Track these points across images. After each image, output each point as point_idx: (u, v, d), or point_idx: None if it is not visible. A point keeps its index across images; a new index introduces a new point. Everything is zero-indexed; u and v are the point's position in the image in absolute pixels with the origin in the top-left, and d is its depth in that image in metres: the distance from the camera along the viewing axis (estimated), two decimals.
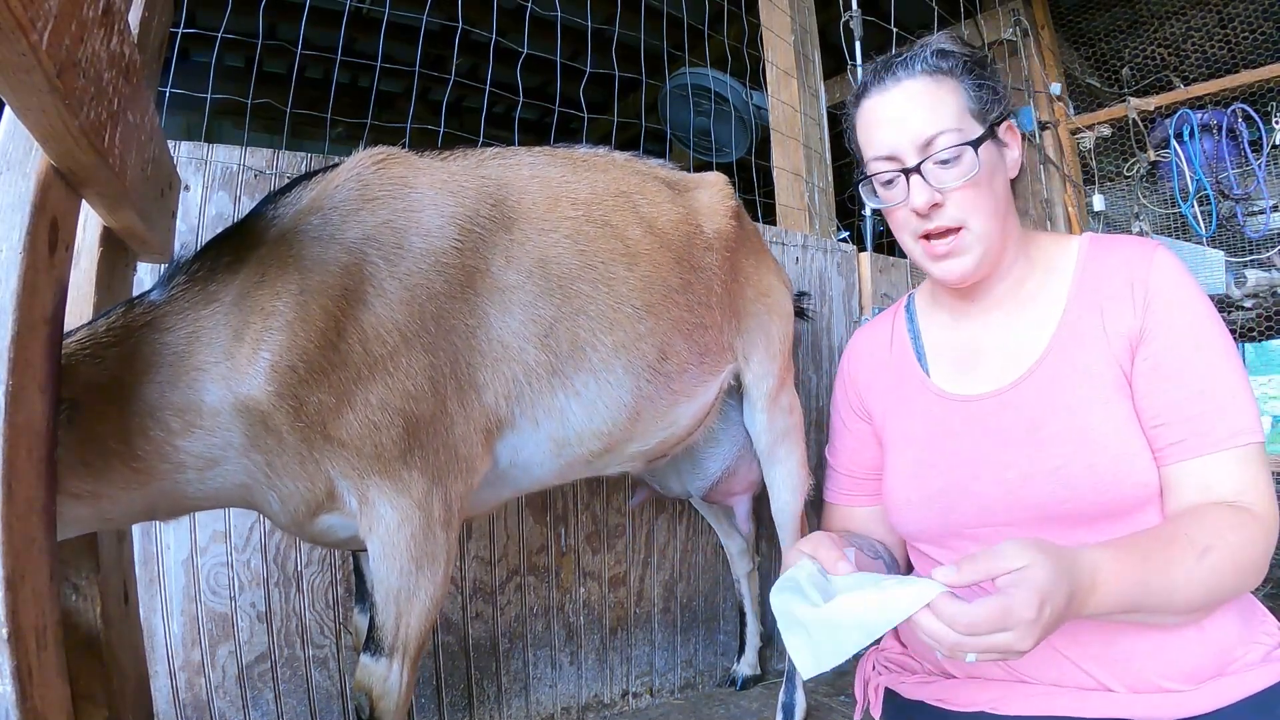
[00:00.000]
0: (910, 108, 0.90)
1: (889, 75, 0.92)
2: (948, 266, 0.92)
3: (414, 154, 0.97)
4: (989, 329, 0.98)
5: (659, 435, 1.12)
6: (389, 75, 3.48)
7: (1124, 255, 0.91)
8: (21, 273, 0.53)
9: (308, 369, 0.80)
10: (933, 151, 0.88)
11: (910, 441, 1.00)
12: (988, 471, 0.91)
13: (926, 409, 0.99)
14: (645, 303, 1.05)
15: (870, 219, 2.12)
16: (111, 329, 0.76)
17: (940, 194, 0.88)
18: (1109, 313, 0.89)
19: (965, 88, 0.90)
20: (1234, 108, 2.42)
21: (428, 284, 0.88)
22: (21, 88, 0.47)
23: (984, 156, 0.89)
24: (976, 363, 0.98)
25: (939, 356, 1.02)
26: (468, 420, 0.90)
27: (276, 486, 0.84)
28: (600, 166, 1.13)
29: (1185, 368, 0.85)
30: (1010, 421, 0.91)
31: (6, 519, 0.50)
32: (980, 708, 0.90)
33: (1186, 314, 0.86)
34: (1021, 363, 0.93)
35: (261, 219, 0.86)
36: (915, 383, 1.02)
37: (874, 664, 1.11)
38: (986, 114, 0.90)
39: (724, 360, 1.20)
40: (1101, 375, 0.88)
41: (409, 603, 0.85)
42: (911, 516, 0.98)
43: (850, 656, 0.69)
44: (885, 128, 0.91)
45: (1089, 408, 0.87)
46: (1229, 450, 0.82)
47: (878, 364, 1.08)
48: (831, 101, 2.39)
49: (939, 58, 0.90)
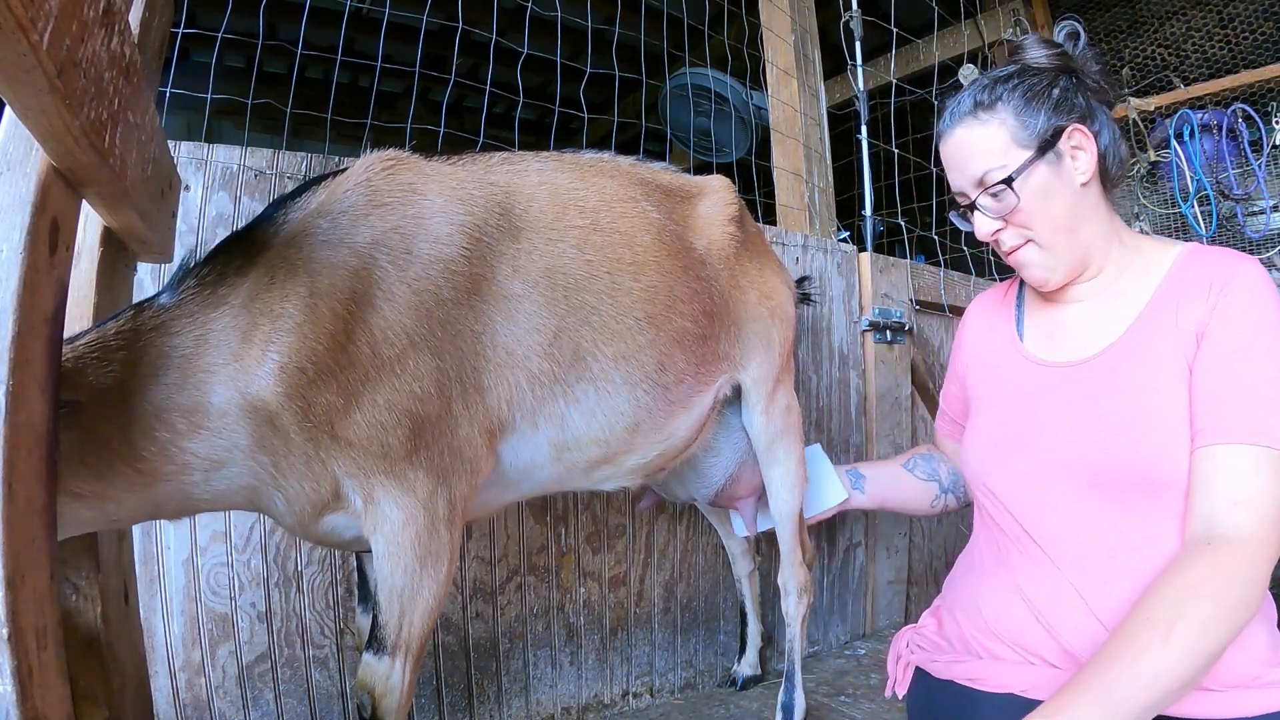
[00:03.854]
0: (961, 154, 1.02)
1: (946, 118, 1.04)
2: (1030, 275, 1.04)
3: (422, 158, 0.97)
4: (1082, 312, 1.06)
5: (657, 448, 1.12)
6: (389, 75, 3.49)
7: (1215, 261, 0.95)
8: (22, 273, 0.53)
9: (316, 370, 0.80)
10: (984, 187, 1.00)
11: (992, 397, 1.12)
12: (1046, 434, 1.00)
13: (1013, 369, 1.10)
14: (648, 314, 1.05)
15: (870, 219, 2.12)
16: (120, 333, 0.76)
17: (1002, 220, 1.01)
18: (1184, 306, 0.93)
19: (1011, 112, 0.98)
20: (1234, 108, 2.42)
21: (435, 289, 0.88)
22: (22, 88, 0.47)
23: (1032, 182, 0.97)
24: (1063, 336, 1.07)
25: (1035, 327, 1.13)
26: (472, 422, 0.91)
27: (282, 487, 0.84)
28: (608, 172, 1.13)
29: (1231, 363, 0.87)
30: (1075, 393, 0.99)
31: (7, 519, 0.50)
32: (1012, 690, 0.92)
33: (1251, 318, 0.88)
34: (1098, 344, 1.00)
35: (271, 223, 0.87)
36: (1010, 344, 1.13)
37: (907, 641, 1.15)
38: (1041, 132, 0.97)
39: (719, 370, 1.20)
40: (1164, 365, 0.92)
41: (412, 601, 0.85)
42: (975, 458, 1.10)
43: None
44: (950, 171, 1.05)
45: (1145, 393, 0.92)
46: (1246, 446, 0.82)
47: (984, 327, 1.22)
48: (831, 102, 2.39)
49: (985, 92, 1.00)
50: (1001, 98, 0.98)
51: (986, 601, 1.02)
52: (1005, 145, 0.97)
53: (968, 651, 1.03)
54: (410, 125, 1.58)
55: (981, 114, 0.99)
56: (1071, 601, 0.92)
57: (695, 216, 1.20)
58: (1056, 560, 0.95)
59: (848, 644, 1.92)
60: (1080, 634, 0.90)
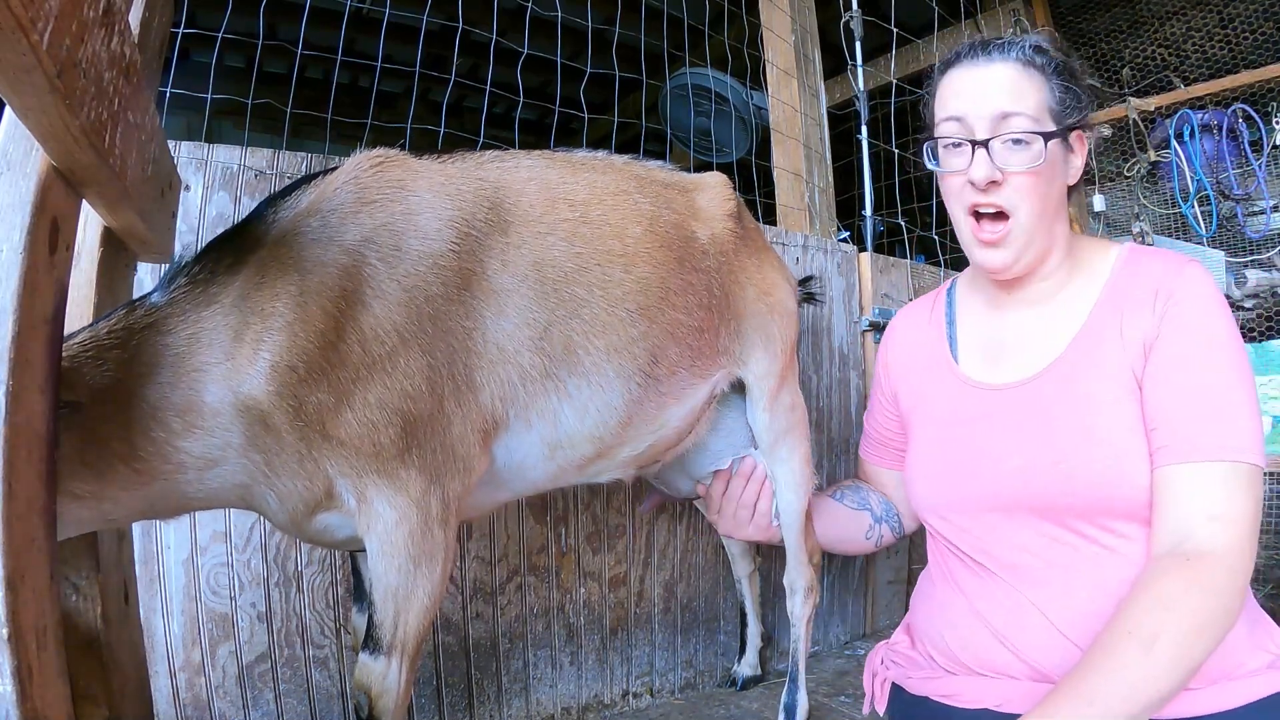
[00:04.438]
0: (995, 85, 0.92)
1: (983, 53, 0.94)
2: (990, 255, 0.95)
3: (412, 156, 0.97)
4: (1020, 324, 1.01)
5: (648, 439, 1.12)
6: (389, 75, 3.49)
7: (1157, 266, 0.92)
8: (22, 273, 0.53)
9: (307, 369, 0.80)
10: (1005, 130, 0.90)
11: (932, 421, 1.06)
12: (994, 459, 0.95)
13: (950, 393, 1.04)
14: (640, 306, 1.05)
15: (870, 219, 2.12)
16: (113, 331, 0.76)
17: (1001, 173, 0.90)
18: (1128, 317, 0.90)
19: (1052, 87, 0.92)
20: (1234, 108, 2.42)
21: (425, 286, 0.88)
22: (22, 88, 0.47)
23: (1051, 152, 0.91)
24: (1002, 355, 1.01)
25: (969, 344, 1.07)
26: (465, 420, 0.91)
27: (275, 486, 0.84)
28: (599, 168, 1.12)
29: (1188, 376, 0.84)
30: (1021, 414, 0.94)
31: (6, 519, 0.50)
32: (986, 705, 0.91)
33: (1202, 328, 0.86)
34: (1041, 359, 0.96)
35: (261, 221, 0.87)
36: (944, 367, 1.07)
37: (882, 658, 1.12)
38: (1064, 117, 0.93)
39: (716, 364, 1.20)
40: (1114, 377, 0.89)
41: (407, 601, 0.85)
42: (924, 491, 1.05)
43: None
44: (966, 95, 0.93)
45: (1096, 408, 0.89)
46: (1213, 463, 0.80)
47: (912, 343, 1.15)
48: (832, 102, 2.39)
49: (1035, 52, 0.93)
50: (1046, 68, 0.93)
51: (949, 629, 0.99)
52: (1040, 106, 0.91)
53: (941, 668, 1.01)
54: (410, 125, 1.58)
55: (1028, 68, 0.92)
56: (1034, 621, 0.90)
57: (691, 211, 1.20)
58: (1015, 583, 0.93)
59: (848, 644, 1.92)
60: (1047, 651, 0.88)
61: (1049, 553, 0.91)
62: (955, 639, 0.98)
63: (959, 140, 0.93)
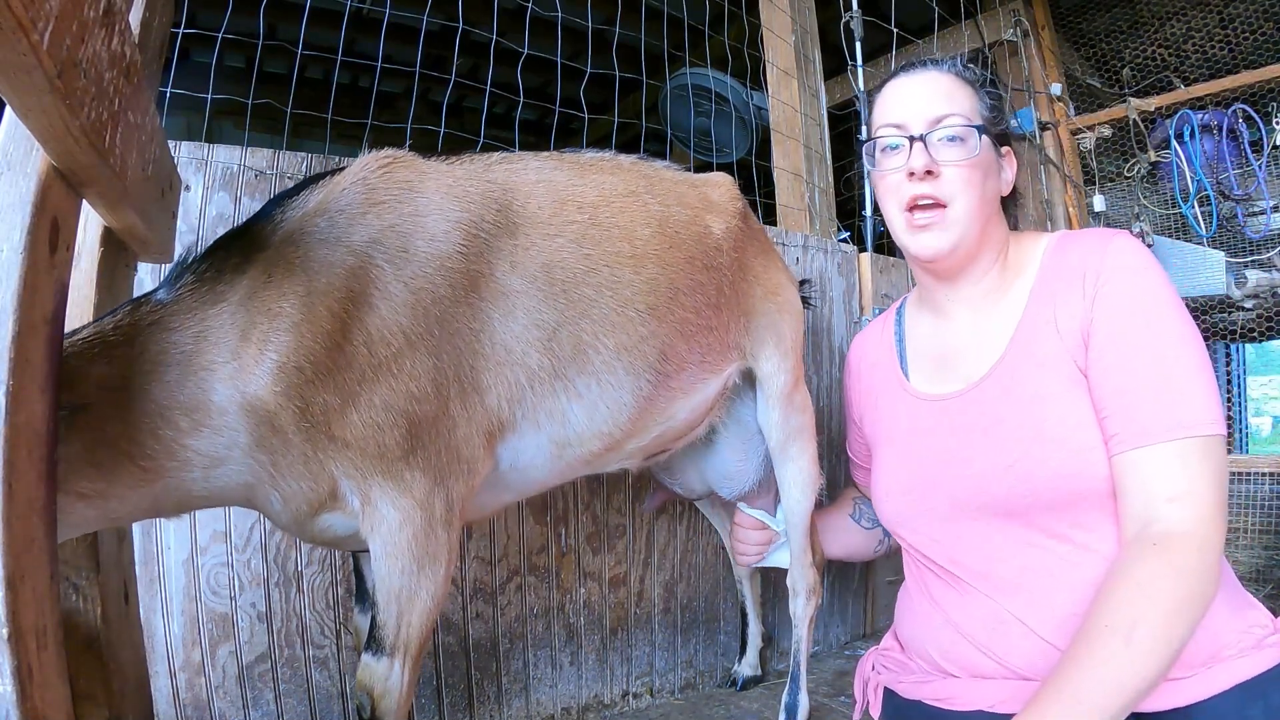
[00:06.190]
0: (930, 91, 0.97)
1: (920, 66, 1.00)
2: (924, 240, 0.97)
3: (420, 157, 0.97)
4: (962, 332, 1.02)
5: (655, 430, 1.12)
6: (389, 76, 3.49)
7: (1083, 248, 0.92)
8: (22, 273, 0.53)
9: (314, 370, 0.80)
10: (940, 127, 0.95)
11: (891, 438, 1.08)
12: (953, 467, 0.96)
13: (905, 409, 1.06)
14: (649, 305, 1.05)
15: (870, 219, 2.12)
16: (119, 327, 0.76)
17: (937, 165, 0.94)
18: (1061, 306, 0.90)
19: (981, 97, 0.98)
20: (1234, 108, 2.42)
21: (432, 288, 0.88)
22: (22, 88, 0.47)
23: (985, 148, 0.95)
24: (949, 364, 1.03)
25: (919, 359, 1.09)
26: (470, 422, 0.91)
27: (280, 486, 0.84)
28: (608, 169, 1.13)
29: (1128, 357, 0.83)
30: (973, 420, 0.96)
31: (6, 519, 0.49)
32: (979, 707, 0.91)
33: (1134, 302, 0.85)
34: (984, 363, 0.97)
35: (268, 221, 0.87)
36: (895, 384, 1.09)
37: (873, 664, 1.12)
38: (995, 125, 0.98)
39: (727, 360, 1.20)
40: (1056, 370, 0.89)
41: (410, 602, 0.85)
42: (891, 508, 1.06)
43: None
44: (903, 101, 0.98)
45: (1043, 404, 0.89)
46: (1168, 443, 0.79)
47: (869, 366, 1.17)
48: (832, 102, 2.39)
49: (965, 67, 0.99)
50: (976, 83, 0.99)
51: (930, 641, 1.00)
52: (973, 110, 0.96)
53: (933, 671, 1.01)
54: (410, 125, 1.58)
55: (959, 79, 0.98)
56: (1012, 628, 0.90)
57: (704, 205, 1.20)
58: (989, 592, 0.93)
59: (848, 644, 1.92)
60: (1029, 655, 0.88)
61: (1021, 558, 0.90)
62: (938, 649, 0.98)
63: (897, 142, 0.97)
